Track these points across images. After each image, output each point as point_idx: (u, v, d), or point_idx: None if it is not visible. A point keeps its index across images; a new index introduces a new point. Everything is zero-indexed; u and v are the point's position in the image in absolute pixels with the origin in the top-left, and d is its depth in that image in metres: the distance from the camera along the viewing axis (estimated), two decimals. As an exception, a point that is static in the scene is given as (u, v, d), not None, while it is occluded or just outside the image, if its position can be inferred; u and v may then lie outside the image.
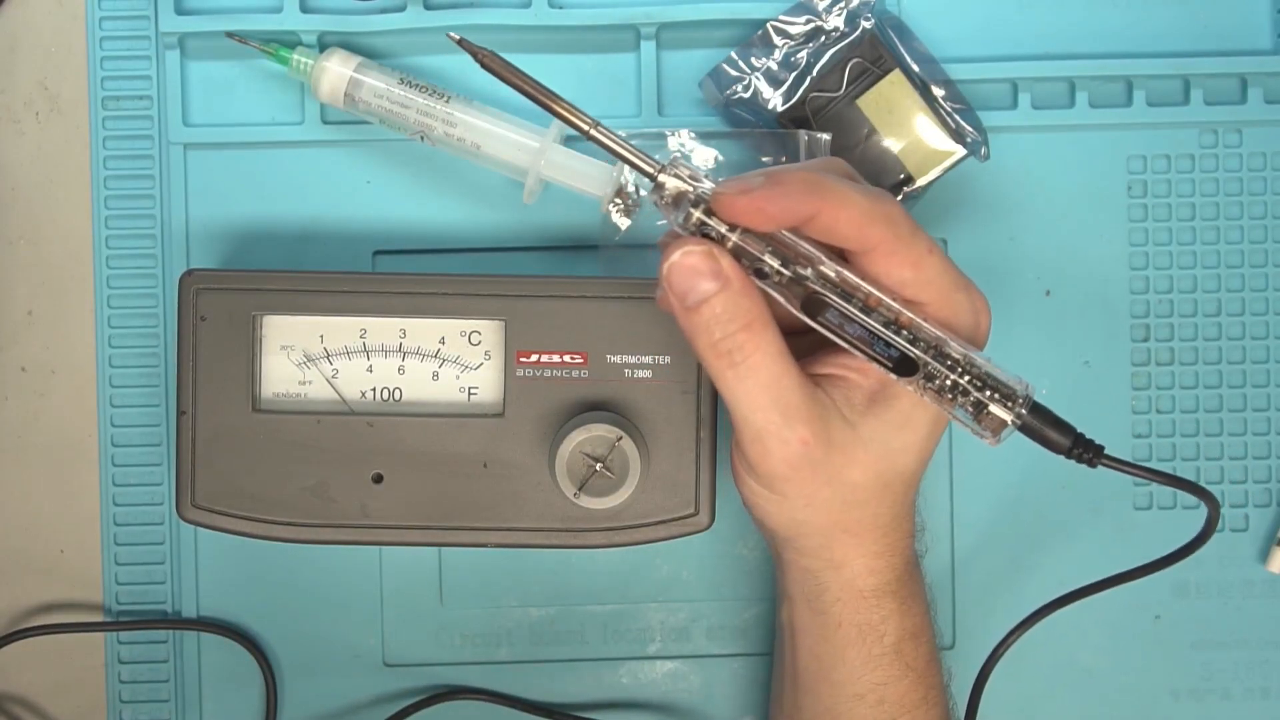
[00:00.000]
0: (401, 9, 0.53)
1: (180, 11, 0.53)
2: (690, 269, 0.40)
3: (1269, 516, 0.55)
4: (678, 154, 0.41)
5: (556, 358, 0.48)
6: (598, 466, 0.46)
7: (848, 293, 0.41)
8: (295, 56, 0.52)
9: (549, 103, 0.40)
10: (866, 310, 0.41)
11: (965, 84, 0.53)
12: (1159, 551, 0.55)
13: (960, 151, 0.52)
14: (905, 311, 0.41)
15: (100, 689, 0.55)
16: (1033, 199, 0.55)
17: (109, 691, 0.55)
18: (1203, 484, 0.55)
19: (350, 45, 0.53)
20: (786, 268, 0.41)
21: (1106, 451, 0.42)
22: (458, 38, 0.41)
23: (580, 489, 0.46)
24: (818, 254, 0.41)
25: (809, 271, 0.41)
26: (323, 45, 0.53)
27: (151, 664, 0.55)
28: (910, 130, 0.52)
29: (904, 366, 0.41)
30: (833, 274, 0.41)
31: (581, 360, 0.48)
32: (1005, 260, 0.55)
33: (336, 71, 0.51)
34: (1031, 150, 0.55)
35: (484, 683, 0.55)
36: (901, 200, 0.52)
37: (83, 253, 0.55)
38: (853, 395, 0.43)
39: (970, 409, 0.41)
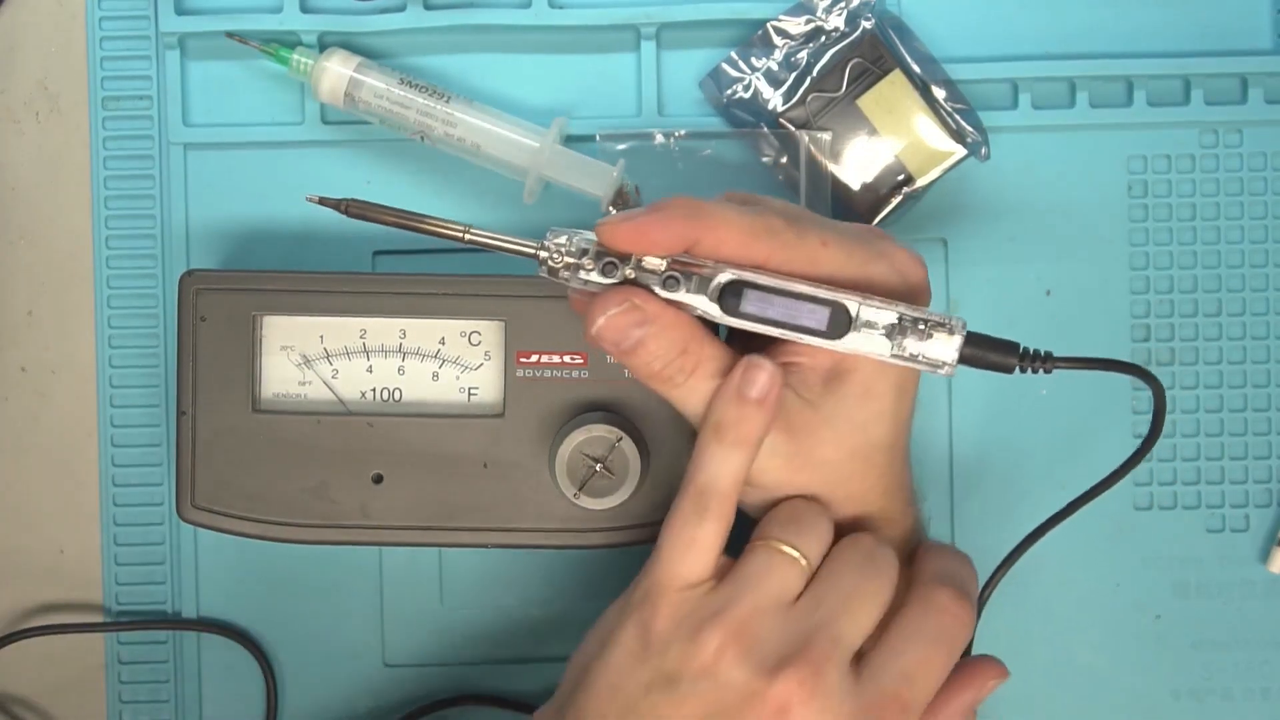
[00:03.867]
0: (401, 9, 0.53)
1: (180, 11, 0.53)
2: (615, 327, 0.41)
3: (1269, 516, 0.55)
4: (552, 228, 0.42)
5: (556, 358, 0.48)
6: (598, 467, 0.46)
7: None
8: (295, 56, 0.52)
9: (417, 225, 0.41)
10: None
11: (965, 84, 0.53)
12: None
13: (960, 151, 0.52)
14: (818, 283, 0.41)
15: (100, 689, 0.55)
16: (1033, 199, 0.55)
17: (109, 692, 0.55)
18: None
19: (350, 45, 0.53)
20: (694, 267, 0.41)
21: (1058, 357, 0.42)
22: (317, 198, 0.42)
23: (580, 489, 0.46)
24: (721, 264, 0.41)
25: (719, 271, 0.41)
26: (323, 45, 0.53)
27: (151, 664, 0.55)
28: (910, 130, 0.52)
29: (836, 326, 0.41)
30: (739, 273, 0.41)
31: (581, 360, 0.48)
32: (1005, 260, 0.55)
33: (336, 71, 0.51)
34: (1031, 150, 0.54)
35: (484, 683, 0.55)
36: (901, 201, 0.52)
37: (83, 253, 0.55)
38: (808, 378, 0.43)
39: (915, 340, 0.41)
